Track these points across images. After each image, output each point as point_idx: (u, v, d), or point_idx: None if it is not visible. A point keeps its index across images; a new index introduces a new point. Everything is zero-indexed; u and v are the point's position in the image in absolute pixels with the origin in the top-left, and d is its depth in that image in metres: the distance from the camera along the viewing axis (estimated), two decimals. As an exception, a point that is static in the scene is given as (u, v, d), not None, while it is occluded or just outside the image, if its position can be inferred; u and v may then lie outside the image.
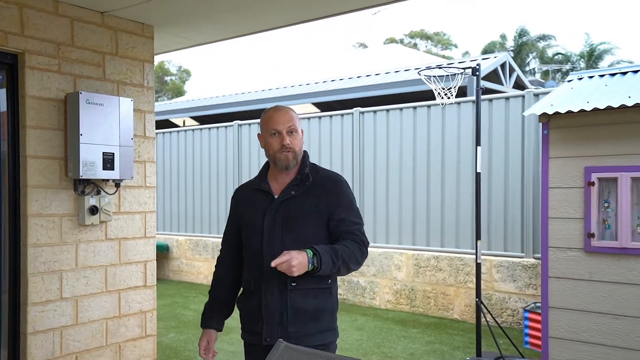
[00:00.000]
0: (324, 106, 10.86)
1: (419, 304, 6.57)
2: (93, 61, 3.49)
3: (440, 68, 4.60)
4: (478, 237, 4.55)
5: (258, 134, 2.35)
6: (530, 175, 5.93)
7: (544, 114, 3.71)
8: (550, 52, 31.07)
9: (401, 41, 39.21)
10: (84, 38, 3.44)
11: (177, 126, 13.03)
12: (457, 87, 4.56)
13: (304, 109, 11.13)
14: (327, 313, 2.22)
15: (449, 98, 4.59)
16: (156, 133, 9.63)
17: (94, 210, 3.38)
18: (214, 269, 2.49)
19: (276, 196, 2.24)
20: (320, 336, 2.20)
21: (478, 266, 4.53)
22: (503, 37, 33.99)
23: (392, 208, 6.93)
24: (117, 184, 3.48)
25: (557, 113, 3.64)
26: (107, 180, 3.44)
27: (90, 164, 3.25)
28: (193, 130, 9.23)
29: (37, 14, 3.23)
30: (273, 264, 2.01)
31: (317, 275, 2.09)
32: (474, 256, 6.14)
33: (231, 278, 2.41)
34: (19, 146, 3.20)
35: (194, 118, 13.17)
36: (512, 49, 31.01)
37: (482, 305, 4.50)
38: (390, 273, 6.81)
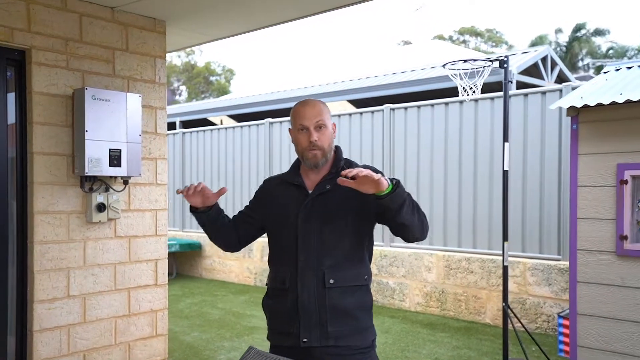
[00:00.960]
0: (359, 104, 10.70)
1: (450, 307, 6.34)
2: (102, 57, 3.46)
3: (465, 62, 4.38)
4: (505, 238, 4.32)
5: (289, 129, 2.24)
6: (568, 173, 5.61)
7: (572, 107, 3.46)
8: (605, 47, 29.89)
9: (450, 38, 38.46)
10: (93, 34, 3.41)
11: (214, 124, 13.12)
12: (482, 82, 4.33)
13: (339, 106, 11.00)
14: (365, 311, 2.13)
15: (474, 93, 4.37)
16: (190, 132, 9.70)
17: (101, 207, 3.35)
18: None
19: (310, 191, 2.15)
20: (360, 337, 2.10)
21: (505, 269, 4.29)
22: (558, 31, 32.91)
23: (422, 207, 6.68)
24: (125, 181, 3.44)
25: (586, 106, 3.38)
26: (115, 177, 3.41)
27: (95, 160, 3.21)
28: (226, 128, 9.24)
29: (45, 9, 3.21)
30: (351, 172, 1.83)
31: (391, 199, 1.89)
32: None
33: (231, 228, 2.29)
34: (27, 143, 3.19)
35: (231, 117, 13.24)
36: (564, 44, 29.98)
37: (509, 310, 4.26)
38: (420, 274, 6.60)
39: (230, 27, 4.00)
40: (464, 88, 4.54)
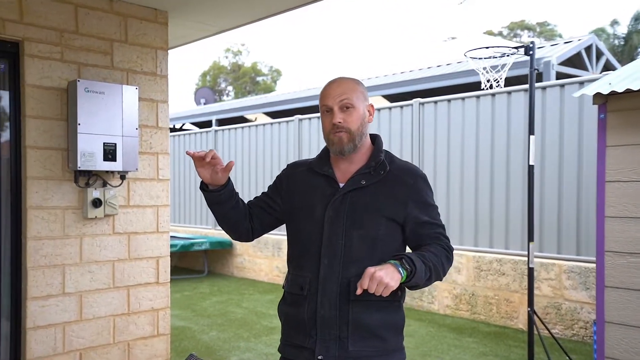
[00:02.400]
0: (395, 99, 10.42)
1: (480, 311, 6.02)
2: (100, 49, 3.37)
3: (487, 48, 4.10)
4: (531, 238, 4.01)
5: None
6: (607, 170, 5.21)
7: (599, 95, 3.14)
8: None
9: (500, 33, 37.38)
10: (89, 25, 3.33)
11: (249, 121, 13.10)
12: (505, 73, 4.03)
13: (375, 102, 10.74)
14: (394, 330, 1.84)
15: (497, 84, 4.07)
16: (222, 130, 9.67)
17: (97, 203, 3.26)
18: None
19: (341, 184, 1.86)
20: (387, 359, 1.83)
21: (530, 271, 3.99)
22: (614, 22, 31.47)
23: (452, 205, 6.41)
24: (122, 176, 3.35)
25: (614, 93, 3.06)
26: (112, 172, 3.32)
27: (89, 154, 3.12)
28: (256, 126, 9.16)
29: (38, 0, 3.15)
30: (360, 289, 1.63)
31: (411, 285, 1.71)
32: (539, 260, 5.53)
33: (244, 214, 1.98)
34: (21, 137, 3.14)
35: (268, 114, 13.18)
36: (623, 35, 28.61)
37: (535, 316, 3.96)
38: (449, 276, 6.30)
39: (236, 17, 3.86)
40: (487, 80, 4.24)
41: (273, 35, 59.27)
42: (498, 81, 4.12)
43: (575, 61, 8.51)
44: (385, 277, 1.61)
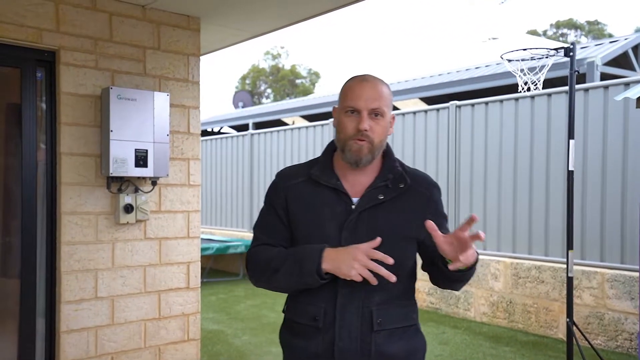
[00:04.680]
0: (432, 101, 10.28)
1: (518, 319, 5.85)
2: (133, 56, 3.42)
3: (524, 50, 3.97)
4: (570, 246, 3.87)
5: (334, 108, 1.73)
6: (653, 175, 4.99)
7: (642, 98, 3.00)
8: None
9: (544, 33, 36.51)
10: (123, 33, 3.38)
11: (286, 124, 13.16)
12: (544, 75, 3.89)
13: (412, 104, 10.63)
14: (419, 355, 1.71)
15: (536, 87, 3.94)
16: (258, 133, 9.72)
17: (129, 208, 3.30)
18: (250, 254, 1.71)
19: (355, 199, 1.63)
20: None
21: (569, 280, 3.85)
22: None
23: (490, 211, 6.26)
24: (153, 182, 3.38)
25: (658, 96, 2.92)
26: (144, 178, 3.35)
27: (121, 161, 3.17)
28: (292, 129, 9.17)
29: (74, 9, 3.21)
30: (463, 258, 1.44)
31: (464, 278, 1.60)
32: (580, 268, 5.33)
33: None
34: (56, 144, 3.21)
35: (305, 117, 13.21)
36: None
37: (574, 326, 3.81)
38: (486, 283, 6.16)
39: (268, 22, 3.85)
40: (525, 82, 4.12)
41: (312, 37, 59.47)
42: (536, 83, 3.99)
43: (621, 61, 8.21)
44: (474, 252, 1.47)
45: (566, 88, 5.53)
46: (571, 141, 3.85)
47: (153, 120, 3.29)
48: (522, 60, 3.87)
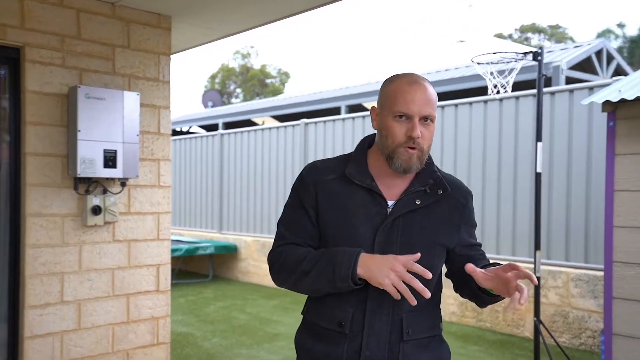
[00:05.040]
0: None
1: (487, 318, 5.94)
2: (101, 54, 3.34)
3: (495, 54, 4.03)
4: (537, 246, 3.94)
5: (372, 107, 1.61)
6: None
7: (608, 103, 3.07)
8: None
9: (510, 36, 37.19)
10: (91, 30, 3.30)
11: (256, 124, 13.11)
12: (513, 79, 3.96)
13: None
14: None
15: (505, 91, 4.01)
16: (229, 133, 9.65)
17: (97, 210, 3.23)
18: (275, 253, 1.62)
19: (390, 202, 1.56)
20: None
21: (537, 280, 3.91)
22: (620, 25, 31.27)
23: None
24: (122, 183, 3.32)
25: (624, 101, 3.00)
26: (113, 179, 3.28)
27: (89, 161, 3.09)
28: (262, 129, 9.12)
29: (39, 5, 3.12)
30: (523, 301, 1.35)
31: (496, 301, 1.54)
32: (546, 267, 5.44)
33: None
34: (20, 143, 3.11)
35: (276, 117, 13.16)
36: (634, 38, 28.40)
37: (541, 326, 3.88)
38: (455, 282, 6.22)
39: (241, 22, 3.82)
40: (494, 86, 4.18)
41: (282, 37, 59.34)
42: (505, 87, 4.05)
43: (585, 66, 8.42)
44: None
45: (533, 91, 5.64)
46: (539, 144, 3.92)
47: (122, 120, 3.22)
48: (492, 63, 3.93)
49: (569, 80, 7.66)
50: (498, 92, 4.05)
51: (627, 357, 3.06)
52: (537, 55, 3.97)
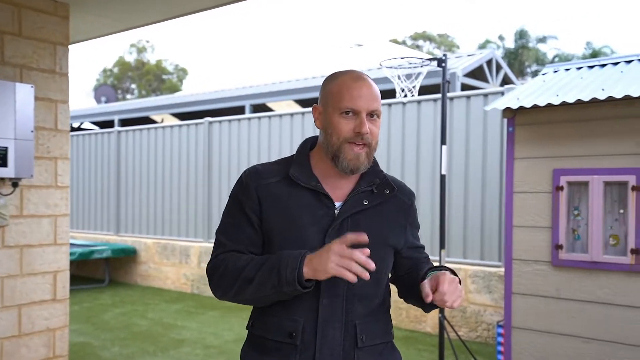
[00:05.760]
0: (305, 104, 10.43)
1: (392, 316, 6.11)
2: (-11, 42, 3.04)
3: (402, 58, 4.15)
4: (442, 245, 4.10)
5: (314, 106, 1.56)
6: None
7: (508, 109, 3.26)
8: (551, 55, 30.66)
9: (403, 42, 38.71)
10: (-23, 15, 3.00)
11: (154, 122, 12.62)
12: (419, 83, 4.09)
13: (286, 106, 10.71)
14: None
15: (412, 95, 4.13)
16: (126, 131, 9.20)
17: (-16, 213, 2.93)
18: (214, 263, 1.52)
19: (337, 203, 1.50)
20: None
21: (441, 278, 4.07)
22: (501, 37, 33.55)
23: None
24: (14, 183, 3.04)
25: (522, 108, 3.19)
26: (4, 179, 3.00)
27: (-25, 159, 2.80)
28: (163, 127, 8.79)
29: None
30: (445, 288, 1.34)
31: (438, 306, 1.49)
32: (447, 265, 5.69)
33: None
34: None
35: (176, 115, 12.75)
36: (512, 50, 30.57)
37: (445, 322, 4.05)
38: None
39: (144, 14, 3.65)
40: (402, 89, 4.30)
41: (179, 33, 57.77)
42: (411, 90, 4.18)
43: (477, 73, 8.92)
44: (461, 291, 1.39)
45: (434, 96, 5.90)
46: (443, 147, 4.08)
47: (14, 114, 2.95)
48: (399, 67, 4.04)
49: (463, 87, 8.09)
50: (405, 95, 4.17)
51: (525, 348, 3.26)
52: (441, 62, 4.13)
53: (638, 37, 39.25)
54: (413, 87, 4.16)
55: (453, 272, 1.48)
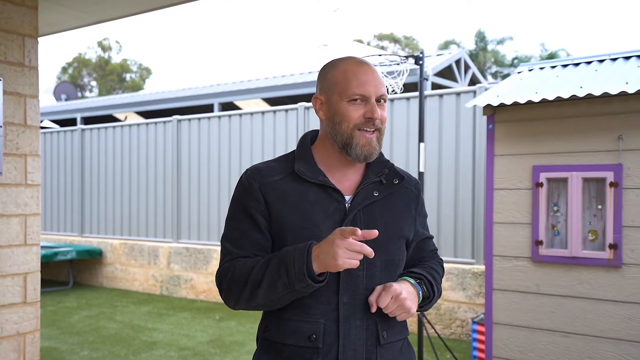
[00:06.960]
0: (275, 102, 10.36)
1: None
2: (-46, 33, 2.89)
3: (380, 56, 4.14)
4: (420, 243, 4.11)
5: (314, 97, 1.50)
6: (482, 176, 5.54)
7: (488, 106, 3.28)
8: (510, 57, 31.32)
9: (368, 43, 38.95)
10: (-59, 4, 2.84)
11: (118, 120, 12.34)
12: (403, 81, 4.09)
13: (254, 105, 10.61)
14: None
15: (394, 92, 4.13)
16: (91, 129, 8.95)
17: (-50, 212, 2.79)
18: (221, 272, 1.45)
19: (347, 197, 1.45)
20: None
21: (419, 276, 4.08)
22: (460, 39, 34.17)
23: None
24: (-18, 181, 2.90)
25: (502, 105, 3.21)
26: (-30, 176, 2.86)
27: (-59, 156, 2.65)
28: (130, 125, 8.59)
29: None
30: (374, 306, 1.36)
31: (426, 306, 1.50)
32: (421, 262, 5.73)
33: None
34: None
35: (140, 114, 12.49)
36: (473, 51, 31.11)
37: (424, 319, 4.06)
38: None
39: (115, 8, 3.52)
40: (386, 87, 4.28)
41: (143, 31, 56.74)
42: (394, 89, 4.18)
43: (445, 73, 9.02)
44: (409, 301, 1.36)
45: (407, 94, 5.92)
46: (421, 144, 4.09)
47: (-17, 109, 2.81)
48: (380, 65, 4.03)
49: (434, 86, 8.16)
50: (393, 92, 4.17)
51: (506, 343, 3.29)
52: (418, 60, 4.14)
53: (590, 39, 40.52)
54: (396, 83, 4.16)
55: (425, 279, 1.46)
